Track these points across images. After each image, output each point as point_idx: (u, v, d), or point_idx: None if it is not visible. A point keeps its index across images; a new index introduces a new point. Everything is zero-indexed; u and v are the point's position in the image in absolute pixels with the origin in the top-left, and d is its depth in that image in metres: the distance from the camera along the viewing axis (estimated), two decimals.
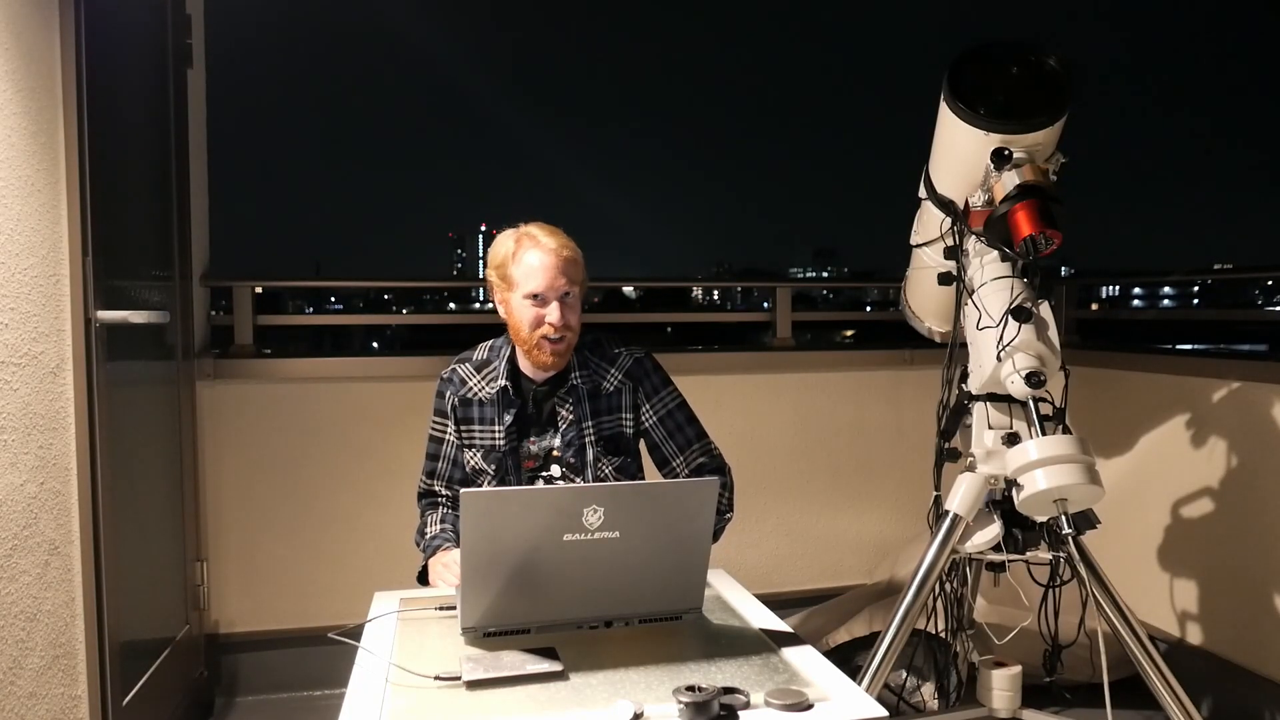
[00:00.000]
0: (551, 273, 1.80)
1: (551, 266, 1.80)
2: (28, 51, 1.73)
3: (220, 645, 2.77)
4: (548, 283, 1.80)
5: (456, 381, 1.94)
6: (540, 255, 1.81)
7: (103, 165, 1.96)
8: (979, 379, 1.99)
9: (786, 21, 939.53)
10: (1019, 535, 2.06)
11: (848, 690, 1.28)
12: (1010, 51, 2.02)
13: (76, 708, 1.89)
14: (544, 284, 1.80)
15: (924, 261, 2.25)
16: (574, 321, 1.83)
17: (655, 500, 1.45)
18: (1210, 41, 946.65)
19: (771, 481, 3.14)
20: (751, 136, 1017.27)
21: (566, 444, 1.89)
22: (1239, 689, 2.51)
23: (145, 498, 2.31)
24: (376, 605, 1.65)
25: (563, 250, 1.81)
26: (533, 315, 1.81)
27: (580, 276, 1.85)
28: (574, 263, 1.83)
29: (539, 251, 1.81)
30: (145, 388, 2.39)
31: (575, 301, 1.84)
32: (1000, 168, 1.89)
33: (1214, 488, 2.60)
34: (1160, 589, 2.76)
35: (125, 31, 2.21)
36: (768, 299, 3.41)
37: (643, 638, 1.46)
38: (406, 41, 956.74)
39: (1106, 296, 6.14)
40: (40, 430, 1.76)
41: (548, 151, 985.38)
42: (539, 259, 1.80)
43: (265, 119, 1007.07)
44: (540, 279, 1.80)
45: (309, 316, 3.82)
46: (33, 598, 1.72)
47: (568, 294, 1.82)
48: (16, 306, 1.68)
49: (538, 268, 1.80)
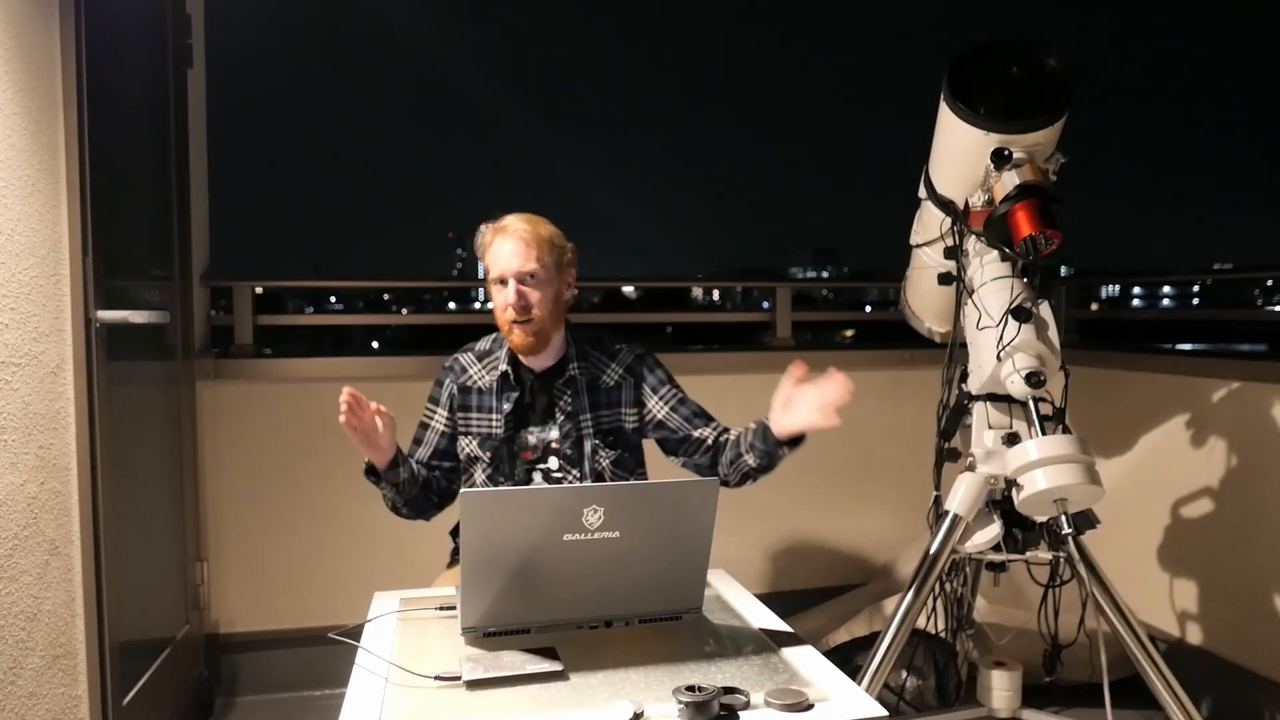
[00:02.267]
0: (508, 256, 1.84)
1: (508, 251, 1.84)
2: (28, 51, 1.73)
3: (220, 645, 2.77)
4: (505, 265, 1.84)
5: (458, 370, 1.97)
6: (502, 241, 1.85)
7: (103, 165, 1.96)
8: (979, 379, 1.99)
9: (787, 21, 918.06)
10: (1019, 535, 2.06)
11: (848, 690, 1.28)
12: (1010, 51, 2.02)
13: (76, 708, 1.89)
14: (503, 267, 1.84)
15: (924, 261, 2.25)
16: (536, 300, 1.84)
17: (655, 500, 1.45)
18: (1211, 41, 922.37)
19: (771, 481, 3.12)
20: (752, 136, 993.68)
21: (564, 436, 1.90)
22: (1239, 689, 2.50)
23: (145, 498, 2.31)
24: (376, 605, 1.65)
25: (524, 233, 1.84)
26: (500, 300, 1.85)
27: (549, 259, 1.86)
28: (534, 243, 1.84)
29: (501, 237, 1.86)
30: (145, 388, 2.39)
31: (543, 284, 1.85)
32: (1000, 168, 1.90)
33: (1214, 488, 2.60)
34: (1160, 589, 2.76)
35: (125, 31, 2.21)
36: (768, 299, 3.41)
37: (643, 638, 1.46)
38: (407, 42, 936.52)
39: (1106, 296, 6.14)
40: (40, 430, 1.76)
41: (548, 151, 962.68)
42: (501, 245, 1.85)
43: (265, 119, 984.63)
44: (500, 263, 1.85)
45: (309, 316, 3.82)
46: (33, 598, 1.72)
47: (532, 275, 1.84)
48: (16, 306, 1.68)
49: (499, 253, 1.85)
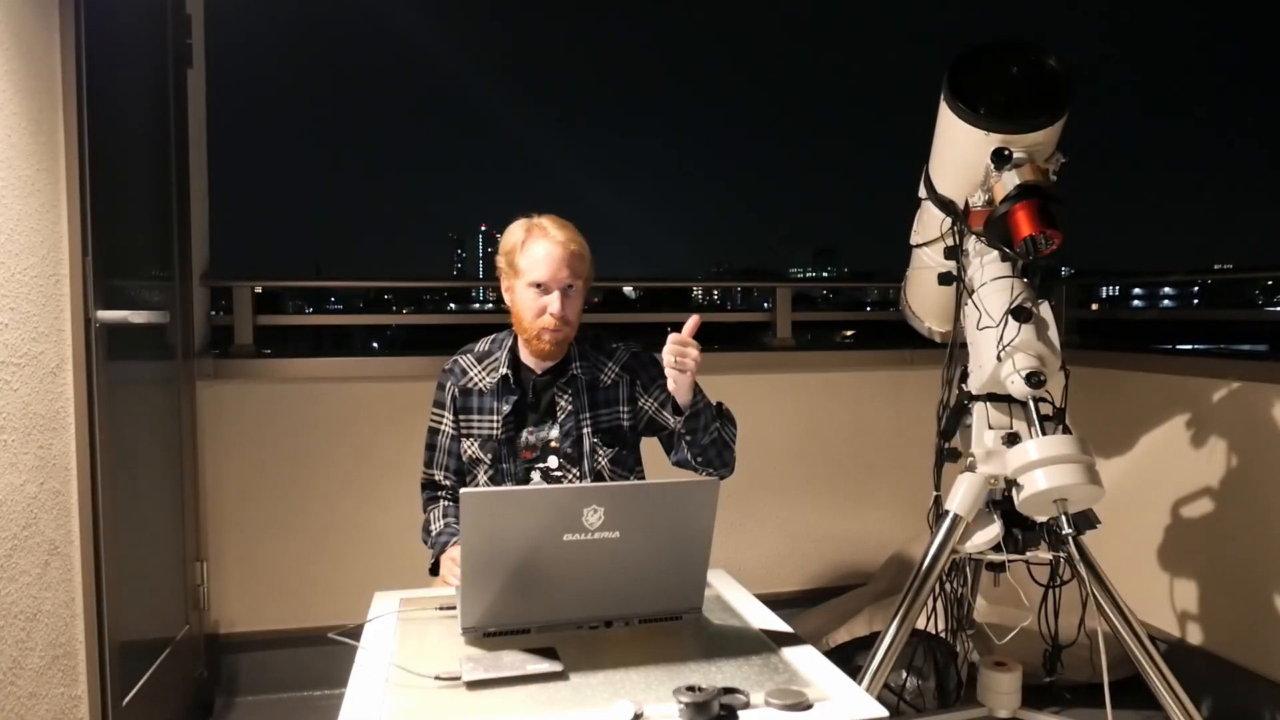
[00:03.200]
0: (556, 264, 1.83)
1: (557, 258, 1.83)
2: (28, 51, 1.73)
3: (220, 645, 2.77)
4: (551, 273, 1.83)
5: (458, 372, 1.97)
6: (547, 246, 1.84)
7: (103, 165, 1.96)
8: (979, 379, 1.99)
9: (787, 21, 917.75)
10: (1019, 535, 2.06)
11: (848, 690, 1.28)
12: (1010, 51, 2.02)
13: (76, 708, 1.89)
14: (548, 274, 1.83)
15: (924, 261, 2.25)
16: (572, 315, 1.87)
17: (655, 500, 1.45)
18: (1211, 40, 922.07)
19: (771, 481, 3.14)
20: (751, 136, 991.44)
21: (564, 434, 1.90)
22: (1239, 689, 2.50)
23: (145, 498, 2.31)
24: (376, 605, 1.65)
25: (570, 244, 1.85)
26: (535, 304, 1.84)
27: (585, 273, 1.88)
28: (579, 258, 1.86)
29: (546, 242, 1.84)
30: (145, 388, 2.39)
31: (577, 296, 1.87)
32: (1000, 168, 1.90)
33: (1214, 488, 2.60)
34: (1160, 589, 2.76)
35: (125, 31, 2.21)
36: (768, 299, 3.41)
37: (643, 638, 1.46)
38: (407, 41, 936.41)
39: (1106, 296, 6.13)
40: (40, 430, 1.76)
41: (548, 151, 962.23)
42: (545, 249, 1.84)
43: (265, 119, 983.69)
44: (545, 269, 1.83)
45: (309, 316, 3.80)
46: (33, 598, 1.72)
47: (570, 287, 1.85)
48: (16, 306, 1.68)
49: (543, 258, 1.83)
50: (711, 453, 1.83)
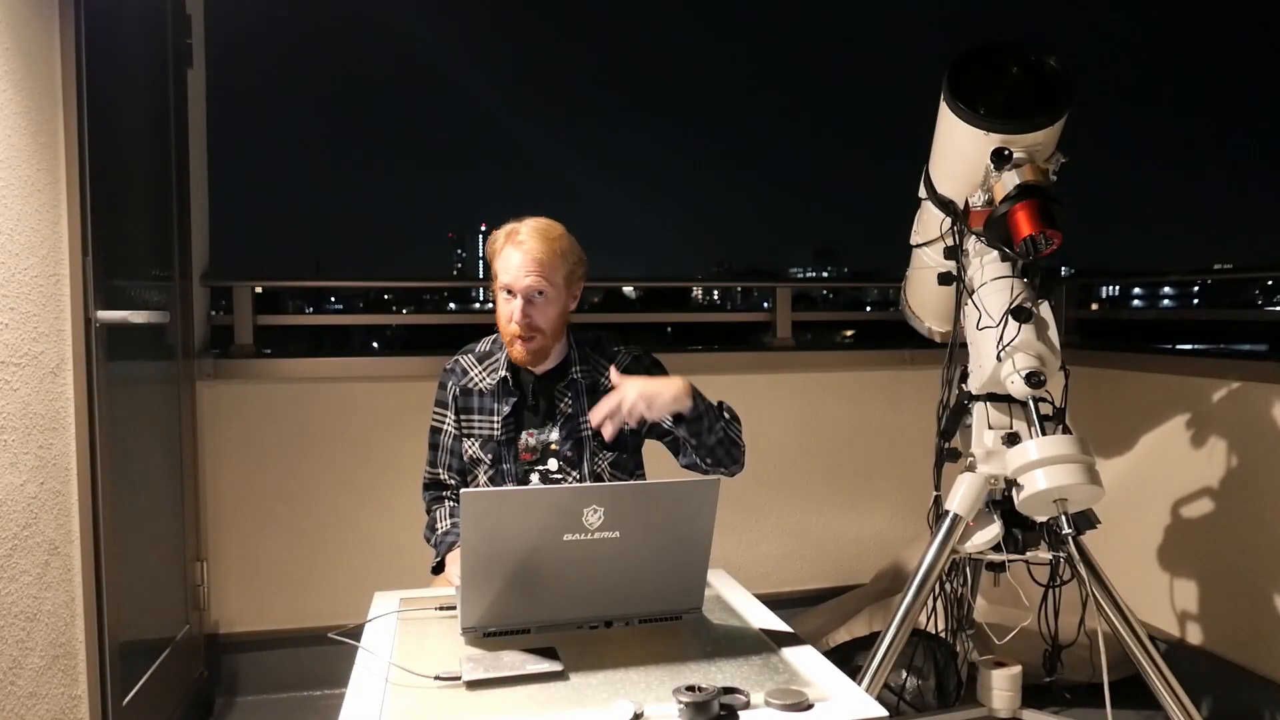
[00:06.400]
0: (518, 271, 1.83)
1: (519, 265, 1.83)
2: (28, 51, 1.73)
3: (220, 645, 2.77)
4: (514, 278, 1.84)
5: (459, 372, 1.97)
6: (513, 252, 1.85)
7: (103, 165, 1.96)
8: (979, 379, 1.99)
9: (786, 21, 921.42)
10: (1019, 535, 2.06)
11: (848, 690, 1.28)
12: (1011, 51, 2.02)
13: (76, 708, 1.89)
14: (512, 279, 1.84)
15: (924, 261, 2.25)
16: (542, 322, 1.85)
17: (655, 500, 1.45)
18: (1210, 40, 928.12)
19: (771, 481, 3.14)
20: (752, 136, 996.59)
21: (564, 437, 1.90)
22: (1239, 689, 2.51)
23: (145, 498, 2.31)
24: (376, 605, 1.65)
25: (537, 251, 1.83)
26: (504, 309, 1.86)
27: (557, 277, 1.85)
28: (547, 265, 1.84)
29: (513, 248, 1.85)
30: (145, 388, 2.39)
31: (547, 304, 1.85)
32: (1000, 167, 1.90)
33: (1214, 488, 2.60)
34: (1160, 589, 2.76)
35: (125, 31, 2.21)
36: (768, 299, 3.41)
37: (643, 638, 1.46)
38: (407, 42, 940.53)
39: (1106, 296, 6.14)
40: (40, 430, 1.76)
41: (548, 151, 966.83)
42: (512, 255, 1.85)
43: (265, 119, 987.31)
44: (509, 274, 1.84)
45: (309, 316, 3.81)
46: (33, 598, 1.72)
47: (540, 293, 1.84)
48: (16, 306, 1.68)
49: (511, 265, 1.84)
50: (720, 452, 1.82)
